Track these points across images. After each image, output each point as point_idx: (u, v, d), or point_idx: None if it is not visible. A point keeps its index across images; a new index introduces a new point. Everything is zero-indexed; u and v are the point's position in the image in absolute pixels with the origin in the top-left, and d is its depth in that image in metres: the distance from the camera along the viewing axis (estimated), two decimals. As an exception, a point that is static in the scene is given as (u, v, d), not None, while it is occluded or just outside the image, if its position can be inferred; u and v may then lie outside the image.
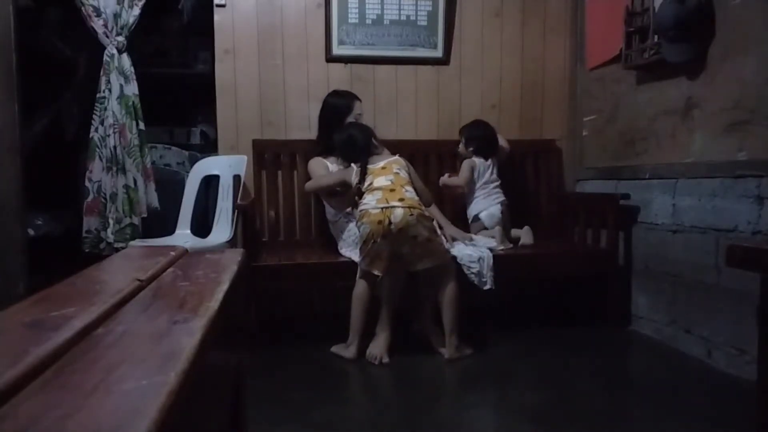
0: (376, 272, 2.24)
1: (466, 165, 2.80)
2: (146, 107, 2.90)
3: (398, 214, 2.16)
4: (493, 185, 2.82)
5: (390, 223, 2.16)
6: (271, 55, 2.93)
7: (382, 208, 2.18)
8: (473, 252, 2.44)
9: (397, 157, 2.46)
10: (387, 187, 2.25)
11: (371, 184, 2.30)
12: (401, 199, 2.20)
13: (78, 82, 3.72)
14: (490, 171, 2.82)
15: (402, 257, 2.25)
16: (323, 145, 2.67)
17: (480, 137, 2.82)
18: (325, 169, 2.59)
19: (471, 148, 2.82)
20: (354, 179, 2.36)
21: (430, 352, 2.33)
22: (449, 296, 2.28)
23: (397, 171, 2.34)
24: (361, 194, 2.33)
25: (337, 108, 2.67)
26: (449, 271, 2.30)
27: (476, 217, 2.80)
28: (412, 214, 2.17)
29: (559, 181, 3.21)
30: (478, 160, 2.80)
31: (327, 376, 2.18)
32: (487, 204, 2.79)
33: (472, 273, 2.39)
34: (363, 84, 2.98)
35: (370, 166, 2.36)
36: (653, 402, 1.90)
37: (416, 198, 2.27)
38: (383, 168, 2.34)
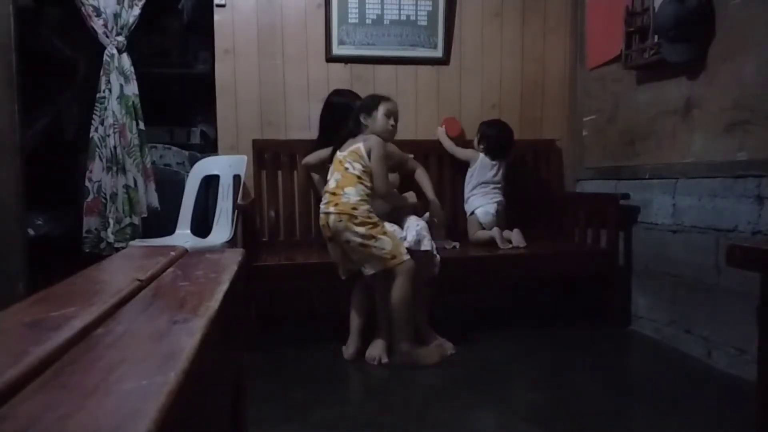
0: (340, 274, 2.31)
1: (470, 151, 2.92)
2: (146, 107, 2.90)
3: (332, 220, 2.22)
4: (493, 185, 2.84)
5: (329, 227, 2.23)
6: (271, 55, 2.93)
7: (325, 213, 2.25)
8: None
9: (359, 145, 2.29)
10: (331, 190, 2.27)
11: (328, 179, 2.32)
12: (336, 204, 2.22)
13: (78, 82, 3.72)
14: (494, 171, 2.84)
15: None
16: (323, 146, 2.66)
17: (492, 138, 2.86)
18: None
19: (482, 146, 2.87)
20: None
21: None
22: (393, 300, 2.20)
23: (348, 166, 2.27)
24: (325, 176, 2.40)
25: (338, 108, 2.66)
26: (394, 277, 2.20)
27: (473, 213, 2.84)
28: (340, 220, 2.19)
29: (559, 181, 3.21)
30: (483, 157, 2.85)
31: (327, 376, 2.18)
32: (484, 201, 2.82)
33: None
34: (363, 84, 2.98)
35: (338, 152, 2.34)
36: (653, 402, 1.90)
37: (351, 202, 2.20)
38: (340, 161, 2.30)
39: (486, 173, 2.84)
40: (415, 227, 2.32)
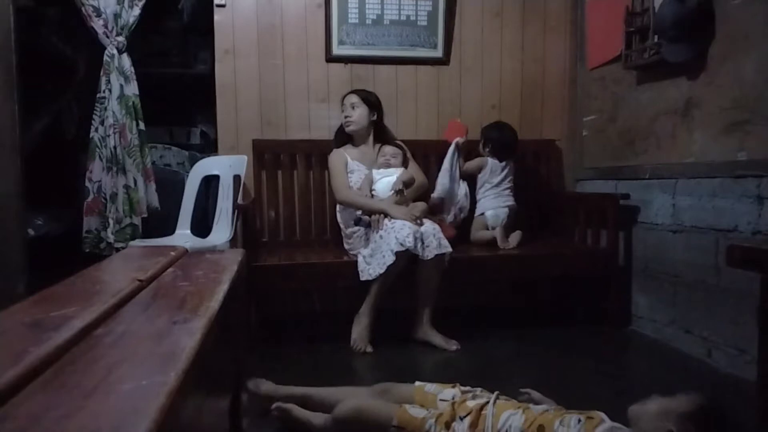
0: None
1: (477, 160, 2.88)
2: (146, 107, 2.90)
3: None
4: (504, 187, 2.84)
5: None
6: (271, 55, 2.93)
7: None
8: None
9: None
10: None
11: None
12: None
13: (78, 82, 3.72)
14: (503, 173, 2.85)
15: None
16: (340, 136, 2.74)
17: (495, 139, 2.86)
18: (345, 164, 2.63)
19: (487, 149, 2.87)
20: None
21: (436, 350, 2.36)
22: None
23: None
24: None
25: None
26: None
27: (482, 214, 2.83)
28: None
29: (559, 181, 3.21)
30: (491, 161, 2.84)
31: (327, 376, 2.18)
32: (495, 204, 2.82)
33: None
34: (363, 84, 2.98)
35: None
36: (653, 402, 1.89)
37: None
38: None
39: (496, 175, 2.83)
40: (431, 231, 2.35)
